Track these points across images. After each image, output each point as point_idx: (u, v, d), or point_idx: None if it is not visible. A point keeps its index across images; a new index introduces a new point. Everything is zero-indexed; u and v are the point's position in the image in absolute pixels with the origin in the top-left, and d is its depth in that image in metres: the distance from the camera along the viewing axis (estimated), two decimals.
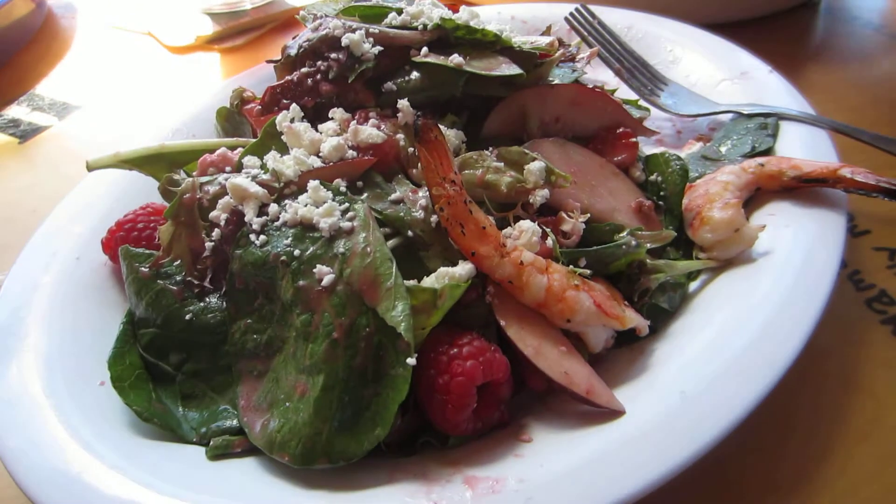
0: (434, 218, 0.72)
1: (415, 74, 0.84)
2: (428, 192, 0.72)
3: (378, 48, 0.83)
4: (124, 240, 0.82)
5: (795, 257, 0.80)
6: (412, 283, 0.67)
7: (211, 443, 0.67)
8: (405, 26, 0.87)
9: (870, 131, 1.01)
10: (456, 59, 0.84)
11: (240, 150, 0.82)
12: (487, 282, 0.72)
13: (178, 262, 0.75)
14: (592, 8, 1.33)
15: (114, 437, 0.68)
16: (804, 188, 0.91)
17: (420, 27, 0.86)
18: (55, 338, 0.78)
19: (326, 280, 0.65)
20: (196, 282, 0.73)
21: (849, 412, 0.78)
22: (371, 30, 0.84)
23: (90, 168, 0.85)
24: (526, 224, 0.74)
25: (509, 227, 0.75)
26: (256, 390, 0.69)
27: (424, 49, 0.85)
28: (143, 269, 0.75)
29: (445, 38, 0.87)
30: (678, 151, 1.11)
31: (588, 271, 0.75)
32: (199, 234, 0.74)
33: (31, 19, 1.65)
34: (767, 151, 1.01)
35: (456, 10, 1.01)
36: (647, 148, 1.11)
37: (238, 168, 0.79)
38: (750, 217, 0.91)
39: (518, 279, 0.70)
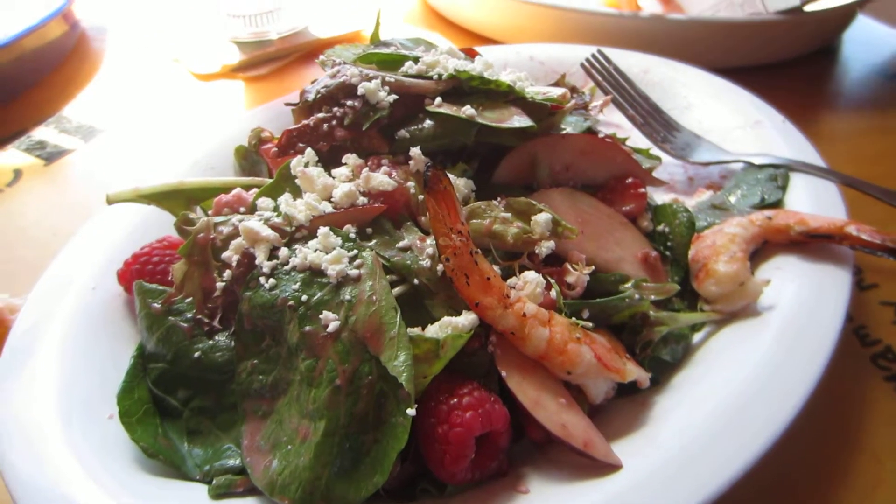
0: (440, 267, 0.74)
1: (428, 123, 0.86)
2: (435, 241, 0.74)
3: (393, 97, 0.86)
4: (139, 273, 0.84)
5: (799, 313, 0.81)
6: (415, 331, 0.68)
7: (213, 482, 0.69)
8: (421, 75, 0.89)
9: (879, 185, 1.02)
10: (469, 110, 0.86)
11: (254, 190, 0.84)
12: (490, 332, 0.74)
13: (190, 299, 0.77)
14: (610, 51, 1.35)
15: (118, 471, 0.69)
16: (811, 243, 0.92)
17: (435, 77, 0.89)
18: (67, 366, 0.80)
19: (332, 326, 0.67)
20: (206, 320, 0.75)
21: (850, 473, 0.79)
22: (387, 78, 0.86)
23: (110, 202, 0.87)
24: (531, 275, 0.76)
25: (514, 278, 0.77)
26: (260, 430, 0.70)
27: (438, 99, 0.87)
28: (155, 304, 0.77)
29: (460, 87, 0.90)
30: (688, 199, 1.13)
31: (590, 324, 0.76)
32: (211, 273, 0.76)
33: (64, 41, 1.70)
34: (776, 204, 1.02)
35: (474, 55, 1.04)
36: (658, 194, 1.13)
37: (252, 209, 0.81)
38: (756, 270, 0.92)
39: (520, 331, 0.71)
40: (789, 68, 1.59)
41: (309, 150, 0.85)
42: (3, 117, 1.50)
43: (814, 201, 1.00)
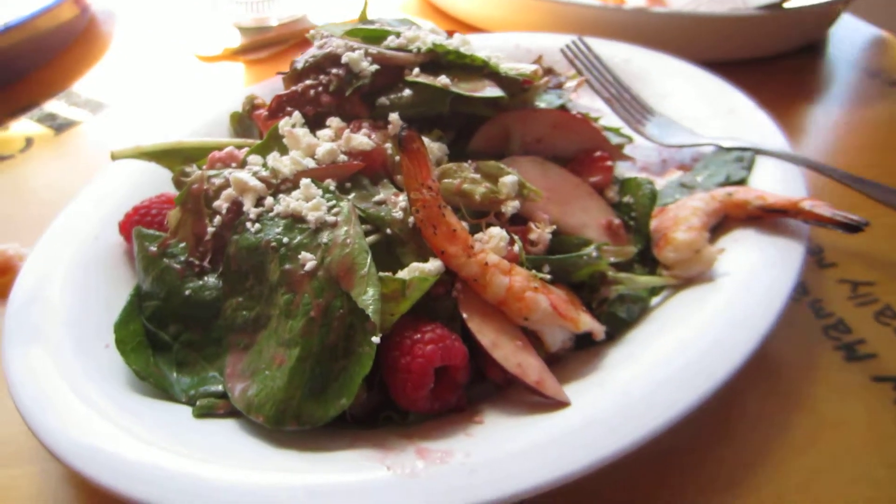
0: (411, 219, 0.80)
1: (406, 91, 0.93)
2: (407, 195, 0.81)
3: (375, 66, 0.93)
4: (139, 223, 0.91)
5: (750, 279, 0.88)
6: (386, 274, 0.75)
7: (197, 403, 0.75)
8: (401, 48, 0.96)
9: (843, 170, 1.07)
10: (443, 79, 0.93)
11: (246, 149, 0.91)
12: (456, 280, 0.80)
13: (183, 244, 0.84)
14: (593, 41, 1.41)
15: (111, 391, 0.76)
16: (768, 217, 0.98)
17: (415, 50, 0.96)
18: (69, 304, 0.87)
19: (309, 265, 0.74)
20: (197, 262, 0.82)
21: (788, 426, 0.84)
22: (370, 50, 0.93)
23: (114, 157, 0.95)
24: (495, 230, 0.82)
25: (480, 233, 0.84)
26: (241, 360, 0.77)
27: (416, 69, 0.94)
28: (151, 248, 0.84)
29: (437, 61, 0.97)
30: (660, 178, 1.19)
31: (549, 276, 0.83)
32: (202, 220, 0.83)
33: (75, 23, 1.77)
34: (740, 182, 1.08)
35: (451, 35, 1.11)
36: (631, 173, 1.19)
37: (242, 165, 0.88)
38: (716, 241, 0.98)
39: (482, 278, 0.78)
40: (772, 64, 1.64)
41: (296, 113, 0.91)
42: (16, 92, 1.58)
43: (777, 182, 1.06)
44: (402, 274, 0.75)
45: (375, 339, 0.69)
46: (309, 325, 0.71)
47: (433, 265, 0.76)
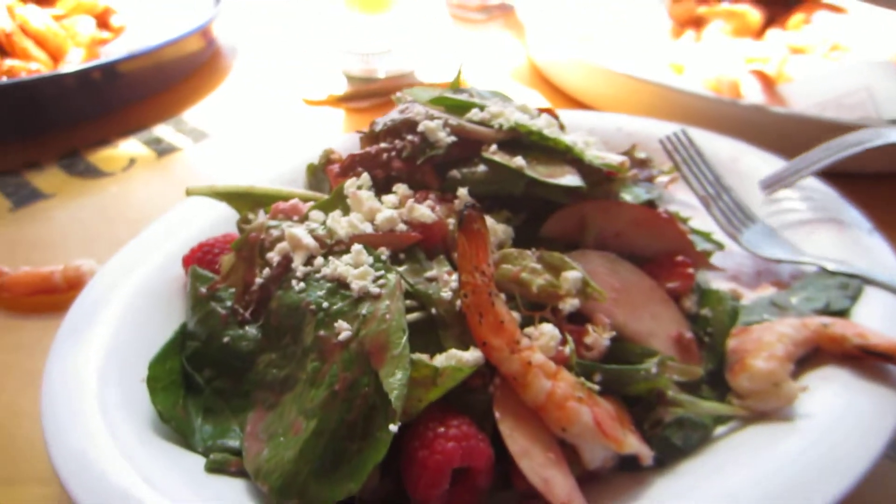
0: (459, 302, 0.76)
1: (481, 168, 0.90)
2: (458, 278, 0.77)
3: (452, 138, 0.91)
4: (199, 260, 0.93)
5: (836, 424, 0.77)
6: (420, 356, 0.71)
7: (211, 456, 0.74)
8: (483, 123, 0.94)
9: None
10: (518, 161, 0.89)
11: (311, 203, 0.91)
12: (496, 375, 0.75)
13: (232, 290, 0.84)
14: (700, 133, 1.33)
15: (135, 430, 0.76)
16: (867, 360, 0.86)
17: (496, 126, 0.93)
18: (120, 332, 0.88)
19: (343, 335, 0.71)
20: (241, 310, 0.81)
21: None
22: (450, 121, 0.92)
23: (188, 194, 0.97)
24: (547, 328, 0.77)
25: (531, 328, 0.78)
26: (263, 420, 0.75)
27: (494, 146, 0.92)
28: (202, 289, 0.85)
29: (519, 140, 0.94)
30: (750, 292, 1.09)
31: (597, 387, 0.76)
32: (254, 269, 0.83)
33: (199, 55, 1.90)
34: (842, 313, 0.96)
35: (551, 114, 1.07)
36: (719, 283, 1.09)
37: (303, 219, 0.88)
38: (802, 376, 0.87)
39: (523, 377, 0.72)
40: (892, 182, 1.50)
41: (365, 174, 0.91)
42: (132, 114, 1.69)
43: (885, 320, 0.92)
44: (439, 360, 0.71)
45: (393, 428, 0.65)
46: (331, 398, 0.68)
47: (472, 355, 0.72)
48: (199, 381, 0.80)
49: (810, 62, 1.71)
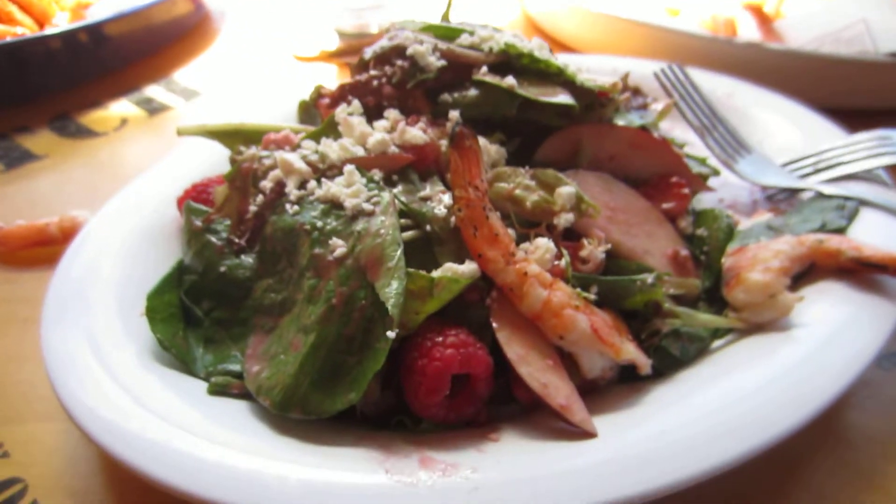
0: (453, 218, 0.76)
1: (472, 91, 0.89)
2: (452, 193, 0.77)
3: (442, 62, 0.90)
4: (195, 199, 0.92)
5: (831, 334, 0.77)
6: (415, 271, 0.71)
7: (212, 380, 0.74)
8: (473, 47, 0.93)
9: None
10: (509, 80, 0.88)
11: (302, 134, 0.90)
12: (492, 288, 0.75)
13: (226, 221, 0.83)
14: (696, 71, 1.31)
15: (137, 362, 0.76)
16: (862, 272, 0.86)
17: (486, 49, 0.92)
18: (119, 272, 0.88)
19: (338, 252, 0.71)
20: (236, 240, 0.81)
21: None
22: (439, 45, 0.91)
23: (179, 133, 0.97)
24: (542, 241, 0.77)
25: (527, 243, 0.78)
26: (263, 343, 0.75)
27: (484, 69, 0.91)
28: (196, 221, 0.84)
29: (510, 63, 0.93)
30: (746, 219, 1.08)
31: (594, 297, 0.76)
32: (247, 198, 0.83)
33: (187, 18, 1.88)
34: (838, 231, 0.95)
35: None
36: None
37: (295, 149, 0.87)
38: (797, 290, 0.87)
39: (519, 288, 0.72)
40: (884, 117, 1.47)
41: (356, 101, 0.90)
42: (123, 77, 1.68)
43: (880, 237, 0.91)
44: (435, 273, 0.70)
45: (391, 334, 0.65)
46: (329, 312, 0.68)
47: (468, 267, 0.72)
48: (199, 314, 0.80)
49: None
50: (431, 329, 0.70)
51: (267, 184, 0.81)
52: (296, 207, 0.77)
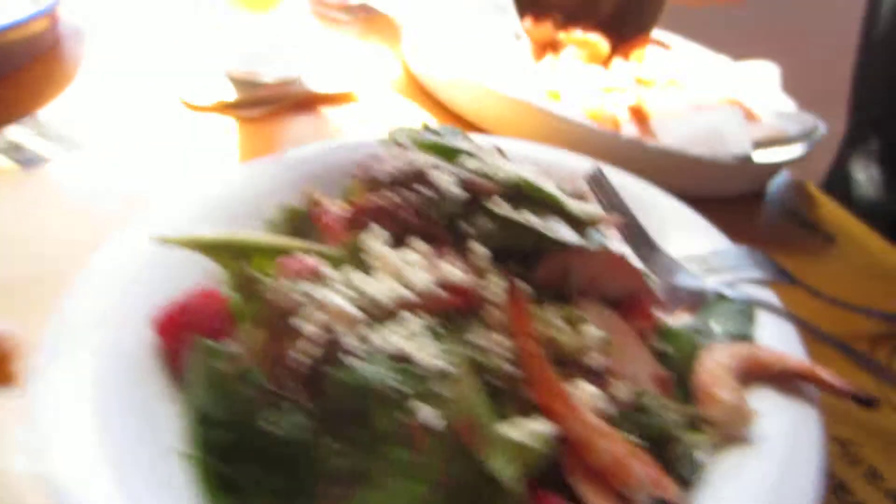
0: (508, 367, 0.77)
1: (490, 222, 0.90)
2: (506, 342, 0.78)
3: (465, 194, 0.90)
4: (188, 327, 0.80)
5: (792, 448, 0.90)
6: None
7: None
8: (486, 175, 0.94)
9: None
10: (527, 216, 0.91)
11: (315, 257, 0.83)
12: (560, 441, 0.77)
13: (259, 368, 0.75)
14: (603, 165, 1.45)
15: None
16: (787, 380, 1.04)
17: (498, 179, 0.94)
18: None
19: (428, 419, 0.68)
20: (281, 392, 0.73)
21: None
22: (461, 175, 0.91)
23: (162, 243, 0.83)
24: (589, 387, 0.81)
25: (568, 387, 0.82)
26: None
27: (497, 198, 0.92)
28: (220, 366, 0.74)
29: (519, 194, 0.95)
30: (670, 320, 1.22)
31: (636, 440, 0.82)
32: (282, 341, 0.75)
33: (42, 38, 1.57)
34: (748, 337, 1.14)
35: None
36: None
37: (322, 281, 0.81)
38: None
39: (587, 440, 0.76)
40: (724, 204, 1.72)
41: (378, 228, 0.86)
42: None
43: (777, 340, 1.12)
44: (519, 436, 0.71)
45: None
46: (435, 492, 0.65)
47: (543, 425, 0.73)
48: (240, 481, 0.70)
49: (667, 99, 1.93)
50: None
51: (314, 330, 0.74)
52: (358, 362, 0.72)
